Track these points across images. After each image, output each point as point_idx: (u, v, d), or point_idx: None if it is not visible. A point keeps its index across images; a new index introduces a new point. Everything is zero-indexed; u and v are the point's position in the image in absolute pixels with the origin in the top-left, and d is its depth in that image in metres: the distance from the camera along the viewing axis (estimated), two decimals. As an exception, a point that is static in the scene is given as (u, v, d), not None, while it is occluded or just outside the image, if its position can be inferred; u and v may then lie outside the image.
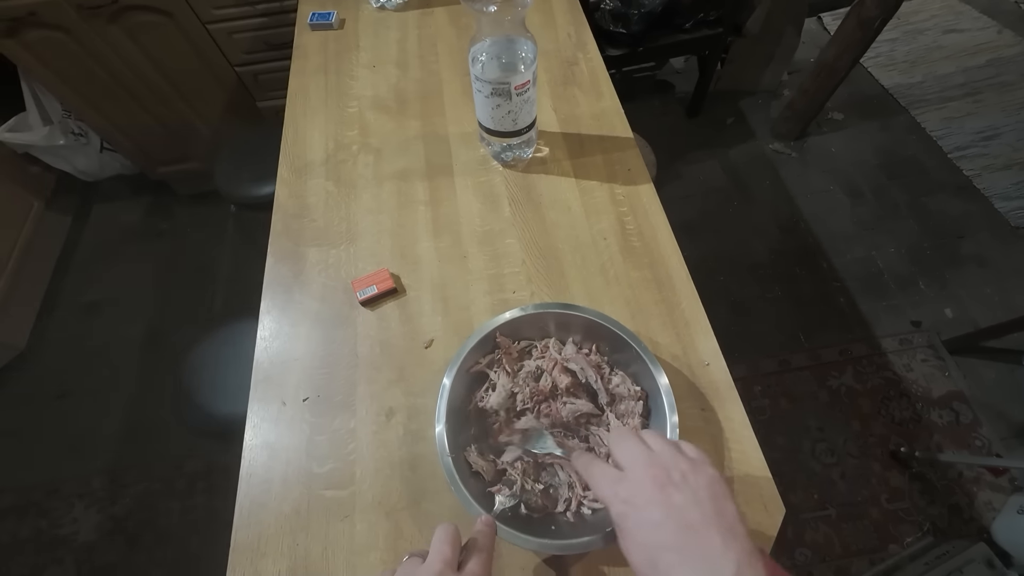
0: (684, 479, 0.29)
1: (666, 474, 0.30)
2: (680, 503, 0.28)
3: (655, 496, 0.29)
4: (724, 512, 0.28)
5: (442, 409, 0.43)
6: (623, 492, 0.31)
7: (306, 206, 0.67)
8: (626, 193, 0.64)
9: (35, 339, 1.51)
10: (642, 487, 0.30)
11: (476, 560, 0.32)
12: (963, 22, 2.06)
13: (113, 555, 1.19)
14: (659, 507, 0.29)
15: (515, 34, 0.55)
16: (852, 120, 1.84)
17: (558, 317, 0.48)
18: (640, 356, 0.44)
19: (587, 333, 0.48)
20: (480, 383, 0.48)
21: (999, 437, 1.24)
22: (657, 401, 0.44)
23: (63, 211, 1.72)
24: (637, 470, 0.31)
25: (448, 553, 0.31)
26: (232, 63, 1.36)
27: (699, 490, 0.29)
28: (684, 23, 1.53)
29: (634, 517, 0.29)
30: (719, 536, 0.27)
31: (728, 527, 0.28)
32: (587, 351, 0.48)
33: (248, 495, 0.48)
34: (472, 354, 0.46)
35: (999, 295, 1.43)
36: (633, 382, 0.47)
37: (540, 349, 0.49)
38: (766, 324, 1.44)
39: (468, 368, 0.46)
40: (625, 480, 0.31)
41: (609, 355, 0.49)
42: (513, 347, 0.49)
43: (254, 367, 0.55)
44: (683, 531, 0.28)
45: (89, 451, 1.33)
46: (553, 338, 0.50)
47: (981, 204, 1.61)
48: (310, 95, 0.79)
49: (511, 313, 0.47)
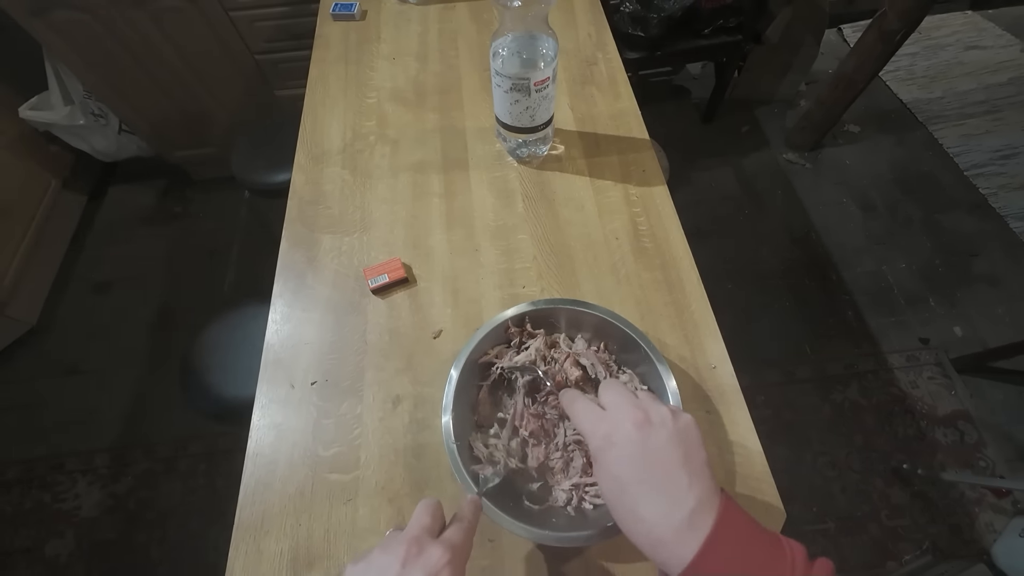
0: (663, 423, 0.31)
1: (646, 416, 0.32)
2: (655, 444, 0.30)
3: (633, 435, 0.31)
4: (693, 455, 0.30)
5: (449, 397, 0.43)
6: (604, 428, 0.32)
7: (322, 193, 0.68)
8: (640, 194, 0.64)
9: (46, 315, 1.53)
10: (622, 426, 0.32)
11: (455, 528, 0.33)
12: (986, 39, 2.04)
13: (113, 532, 1.21)
14: (636, 445, 0.31)
15: (537, 30, 0.55)
16: (868, 133, 1.83)
17: (569, 313, 0.48)
18: (649, 357, 0.45)
19: (597, 331, 0.49)
20: (487, 374, 0.49)
21: (1004, 458, 1.23)
22: (663, 400, 0.44)
23: (79, 190, 1.74)
24: (620, 411, 0.33)
25: (427, 521, 0.32)
26: (252, 51, 1.38)
27: (674, 434, 0.31)
28: (703, 29, 1.52)
29: (611, 452, 0.31)
30: (686, 475, 0.29)
31: (696, 468, 0.30)
32: (596, 349, 0.49)
33: (254, 474, 0.49)
34: (482, 344, 0.46)
35: (1010, 315, 1.42)
36: (640, 382, 0.47)
37: (550, 341, 0.49)
38: (772, 334, 1.43)
39: (476, 359, 0.47)
40: (607, 418, 0.33)
41: (618, 354, 0.49)
42: (529, 338, 0.49)
43: (264, 349, 0.56)
44: (654, 467, 0.30)
45: (94, 428, 1.35)
46: (563, 334, 0.50)
47: (996, 223, 1.59)
48: (330, 84, 0.79)
49: (522, 307, 0.48)
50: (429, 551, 0.30)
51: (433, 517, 0.33)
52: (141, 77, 1.37)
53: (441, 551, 0.30)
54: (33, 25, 1.21)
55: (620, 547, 0.43)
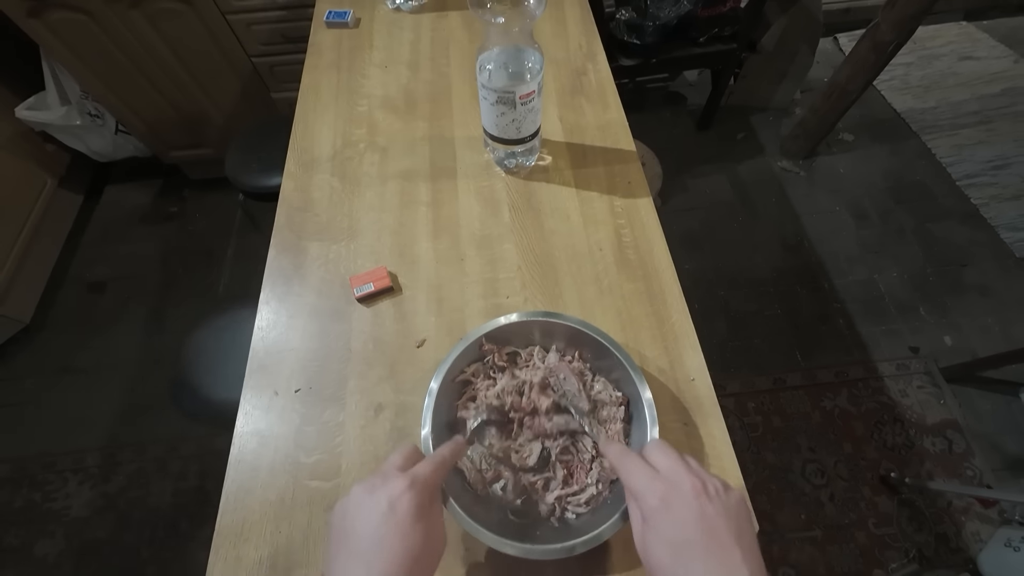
0: (718, 494, 0.32)
1: (703, 486, 0.32)
2: (711, 513, 0.31)
3: (691, 501, 0.31)
4: (745, 531, 0.31)
5: (428, 412, 0.44)
6: (660, 490, 0.32)
7: (310, 200, 0.68)
8: (625, 206, 0.65)
9: (40, 314, 1.54)
10: (679, 490, 0.32)
11: (426, 462, 0.36)
12: (980, 50, 2.06)
13: (103, 531, 1.21)
14: (692, 512, 0.31)
15: (523, 44, 0.56)
16: (862, 142, 1.84)
17: (543, 325, 0.49)
18: (622, 363, 0.45)
19: (570, 340, 0.49)
20: (463, 392, 0.49)
21: (991, 468, 1.23)
22: (638, 407, 0.45)
23: (75, 190, 1.74)
24: (676, 475, 0.33)
25: (398, 461, 0.36)
26: (249, 54, 1.38)
27: (729, 507, 0.32)
28: (699, 37, 1.53)
29: (667, 515, 0.31)
30: (739, 550, 0.30)
31: (748, 544, 0.31)
32: (570, 358, 0.49)
33: (236, 481, 0.49)
34: (458, 362, 0.47)
35: (1000, 325, 1.43)
36: (615, 388, 0.47)
37: (524, 357, 0.50)
38: (764, 341, 1.44)
39: (453, 378, 0.47)
40: (662, 479, 0.33)
41: (592, 361, 0.49)
42: (503, 351, 0.49)
43: (250, 355, 0.56)
44: (709, 535, 0.30)
45: (86, 428, 1.35)
46: (537, 346, 0.50)
47: (987, 233, 1.60)
48: (321, 91, 0.80)
49: (497, 322, 0.48)
50: (392, 481, 0.34)
51: (404, 457, 0.36)
52: (138, 78, 1.38)
53: (402, 480, 0.33)
54: (31, 25, 1.22)
55: (601, 556, 0.44)
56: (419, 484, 0.34)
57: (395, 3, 0.90)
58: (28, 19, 1.20)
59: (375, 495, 0.33)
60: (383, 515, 0.32)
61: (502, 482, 0.44)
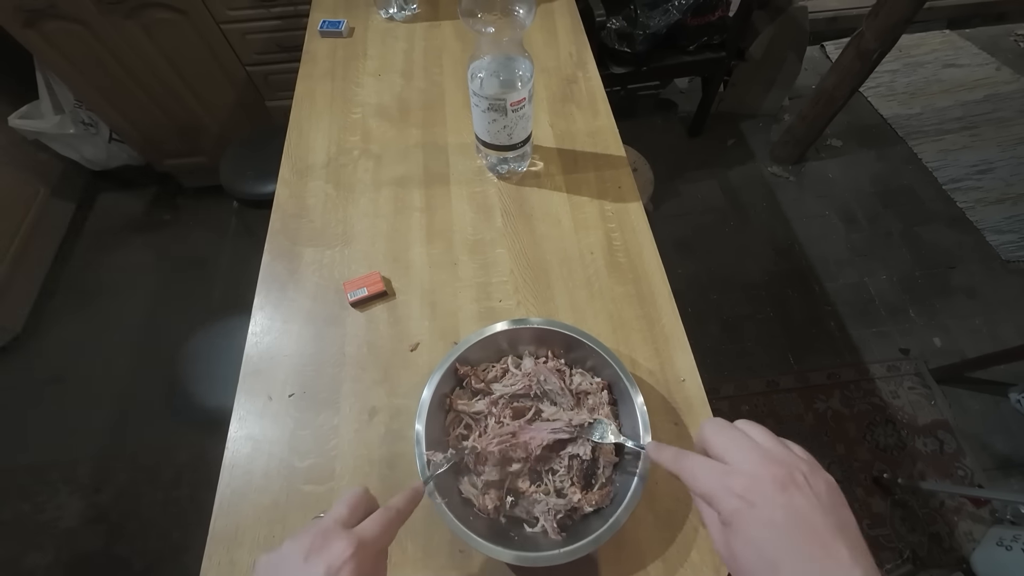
0: (806, 481, 0.27)
1: (787, 473, 0.27)
2: (803, 507, 0.26)
3: (776, 496, 0.26)
4: (847, 523, 0.26)
5: (424, 407, 0.44)
6: (737, 487, 0.27)
7: (305, 207, 0.69)
8: (615, 210, 0.66)
9: (32, 323, 1.53)
10: (760, 483, 0.27)
11: (374, 517, 0.31)
12: (962, 57, 2.10)
13: (94, 543, 1.20)
14: (781, 508, 0.26)
15: (513, 53, 0.57)
16: (850, 147, 1.87)
17: (508, 335, 0.49)
18: (593, 349, 0.47)
19: (539, 341, 0.50)
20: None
21: (982, 468, 1.25)
22: (619, 386, 0.46)
23: (68, 198, 1.74)
24: (751, 465, 0.28)
25: (343, 512, 0.31)
26: (244, 62, 1.39)
27: (821, 495, 0.27)
28: (688, 45, 1.56)
29: (751, 516, 0.26)
30: (846, 548, 0.25)
31: (854, 539, 0.26)
32: (544, 359, 0.50)
33: (229, 485, 0.49)
34: (440, 388, 0.47)
35: (987, 327, 1.45)
36: (593, 375, 0.49)
37: (499, 370, 0.50)
38: (756, 344, 1.45)
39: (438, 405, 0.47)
40: (737, 474, 0.28)
41: (565, 356, 0.50)
42: (481, 372, 0.49)
43: (244, 360, 0.57)
44: (808, 537, 0.25)
45: (78, 437, 1.34)
46: (510, 356, 0.51)
47: (973, 236, 1.63)
48: (316, 99, 0.81)
49: (460, 347, 0.48)
50: (333, 544, 0.28)
51: (351, 508, 0.32)
52: (133, 87, 1.39)
53: (345, 544, 0.28)
54: (26, 36, 1.22)
55: (594, 562, 0.44)
56: (365, 549, 0.29)
57: (388, 13, 0.92)
58: (23, 29, 1.21)
59: (310, 562, 0.28)
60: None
61: (510, 499, 0.44)
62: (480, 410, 0.47)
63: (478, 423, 0.47)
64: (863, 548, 0.25)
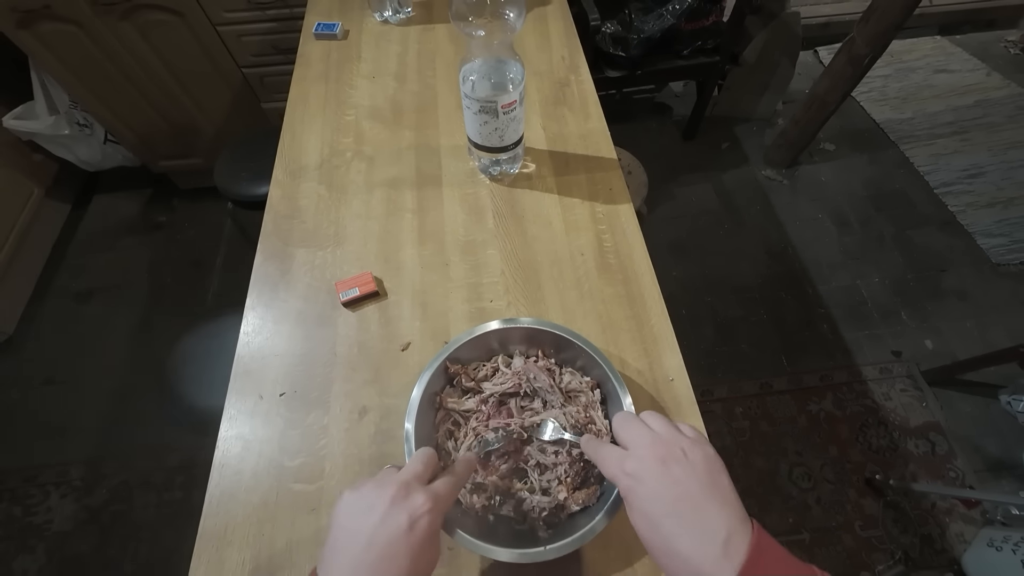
0: (684, 455, 0.32)
1: (668, 450, 0.32)
2: (680, 476, 0.31)
3: (658, 471, 0.31)
4: (719, 484, 0.31)
5: (414, 404, 0.45)
6: (629, 468, 0.32)
7: (298, 208, 0.69)
8: (606, 212, 0.66)
9: (24, 325, 1.52)
10: (646, 463, 0.32)
11: (444, 480, 0.35)
12: (954, 63, 2.13)
13: (85, 546, 1.19)
14: (662, 480, 0.31)
15: (504, 56, 0.57)
16: (843, 151, 1.89)
17: (498, 335, 0.49)
18: (583, 349, 0.47)
19: (529, 341, 0.50)
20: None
21: (973, 469, 1.25)
22: (608, 386, 0.46)
23: (63, 199, 1.74)
24: (641, 448, 0.33)
25: (419, 468, 0.35)
26: (239, 64, 1.40)
27: (697, 464, 0.31)
28: (682, 50, 1.58)
29: (639, 491, 0.31)
30: (714, 505, 0.30)
31: (722, 497, 0.30)
32: (535, 358, 0.50)
33: (219, 485, 0.50)
34: (430, 386, 0.47)
35: (978, 329, 1.46)
36: (583, 374, 0.49)
37: (489, 369, 0.50)
38: (750, 346, 1.46)
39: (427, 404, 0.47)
40: (630, 457, 0.33)
41: (555, 355, 0.51)
42: (472, 371, 0.50)
43: (235, 360, 0.57)
44: (683, 501, 0.30)
45: (70, 439, 1.33)
46: (500, 355, 0.51)
47: (964, 240, 1.64)
48: (310, 101, 0.81)
49: (450, 347, 0.48)
50: (415, 496, 0.32)
51: (426, 466, 0.35)
52: (128, 89, 1.39)
53: (425, 498, 0.32)
54: (20, 37, 1.23)
55: (581, 560, 0.44)
56: (440, 506, 0.33)
57: (383, 16, 0.92)
58: (17, 30, 1.21)
59: (395, 508, 0.32)
60: (402, 532, 0.31)
61: (497, 500, 0.44)
62: (470, 408, 0.48)
63: (467, 421, 0.48)
64: (732, 503, 0.30)
